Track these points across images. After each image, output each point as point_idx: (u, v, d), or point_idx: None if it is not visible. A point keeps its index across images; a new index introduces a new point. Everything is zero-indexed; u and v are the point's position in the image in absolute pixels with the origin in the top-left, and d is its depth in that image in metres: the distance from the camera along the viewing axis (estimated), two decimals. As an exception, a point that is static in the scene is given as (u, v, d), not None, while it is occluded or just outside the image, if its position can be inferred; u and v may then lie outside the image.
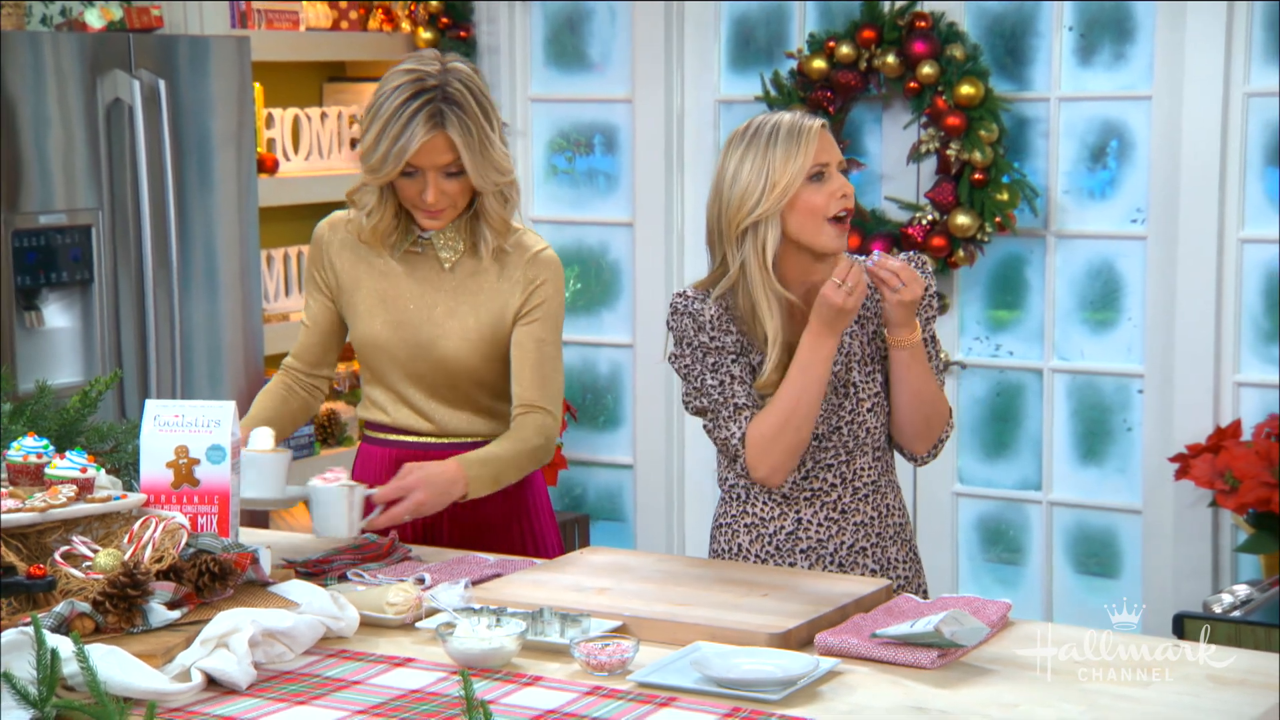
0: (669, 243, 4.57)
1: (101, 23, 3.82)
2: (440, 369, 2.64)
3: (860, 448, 2.53)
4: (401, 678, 1.99)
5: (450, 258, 2.63)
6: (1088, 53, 4.14)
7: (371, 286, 2.67)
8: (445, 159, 2.53)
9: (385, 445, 2.72)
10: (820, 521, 2.53)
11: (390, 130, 2.51)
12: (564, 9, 4.71)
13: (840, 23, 4.27)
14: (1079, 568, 4.27)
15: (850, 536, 2.53)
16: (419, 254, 2.65)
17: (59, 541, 2.16)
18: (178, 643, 1.98)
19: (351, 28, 4.65)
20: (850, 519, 2.54)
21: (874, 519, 2.55)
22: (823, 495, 2.53)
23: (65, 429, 2.52)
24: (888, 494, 2.57)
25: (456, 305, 2.63)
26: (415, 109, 2.51)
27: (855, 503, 2.54)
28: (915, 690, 1.95)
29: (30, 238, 3.48)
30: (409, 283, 2.65)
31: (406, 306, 2.65)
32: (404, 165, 2.52)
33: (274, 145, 4.43)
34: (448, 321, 2.63)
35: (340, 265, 2.69)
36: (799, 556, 2.54)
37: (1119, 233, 4.13)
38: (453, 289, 2.64)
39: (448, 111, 2.51)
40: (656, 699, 1.91)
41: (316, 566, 2.40)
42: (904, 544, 2.58)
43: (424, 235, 2.64)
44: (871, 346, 2.53)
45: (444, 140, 2.52)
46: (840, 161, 2.47)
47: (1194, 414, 3.96)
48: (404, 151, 2.50)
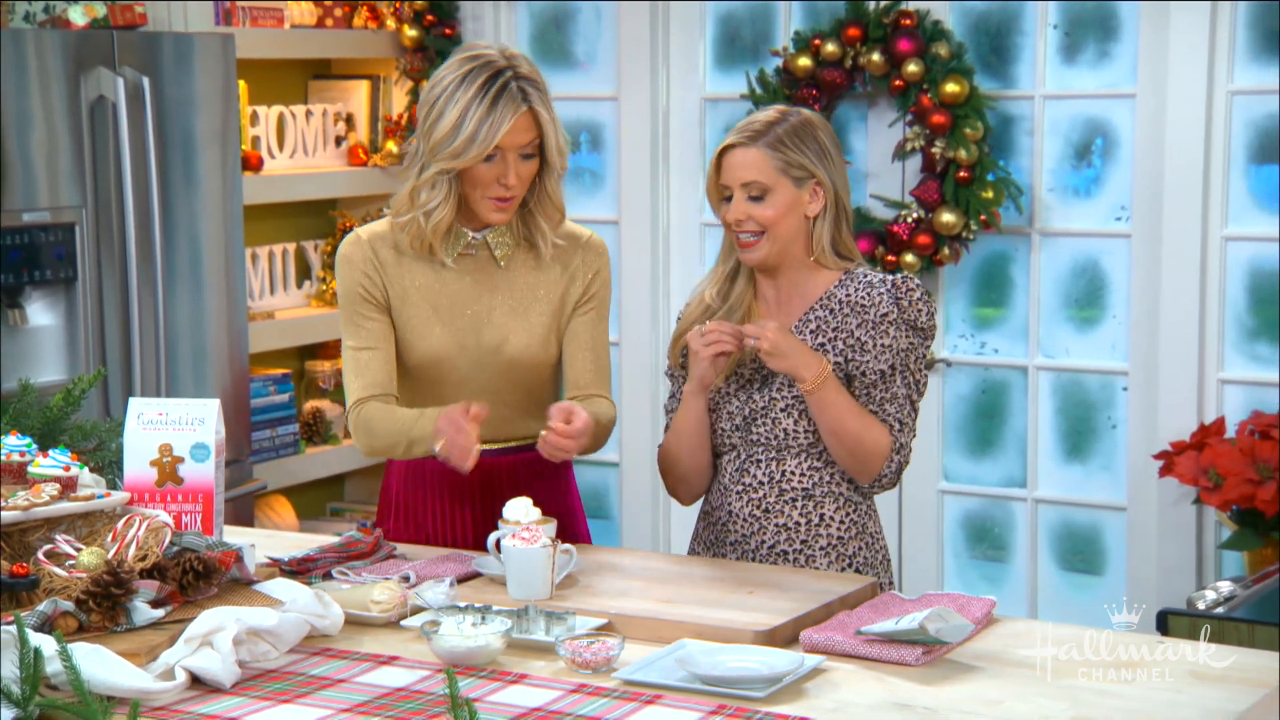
0: (655, 241, 4.57)
1: (85, 20, 3.80)
2: (509, 372, 2.58)
3: (787, 449, 2.51)
4: (386, 676, 1.99)
5: (505, 254, 2.58)
6: (1072, 51, 4.15)
7: (420, 299, 2.57)
8: (527, 137, 2.50)
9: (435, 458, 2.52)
10: (745, 516, 2.54)
11: (475, 111, 2.45)
12: (550, 7, 4.70)
13: (825, 21, 4.27)
14: (1064, 565, 4.28)
15: (772, 537, 2.52)
16: (471, 255, 2.59)
17: (42, 540, 2.15)
18: (161, 641, 1.98)
19: (336, 25, 4.64)
20: (773, 519, 2.53)
21: (800, 525, 2.52)
22: (750, 491, 2.54)
23: (48, 427, 2.52)
24: (825, 505, 2.52)
25: (518, 302, 2.58)
26: (499, 88, 2.46)
27: (780, 504, 2.52)
28: (900, 687, 1.96)
29: (14, 236, 3.47)
30: (463, 286, 2.58)
31: (464, 312, 2.57)
32: (494, 146, 2.46)
33: (259, 143, 4.42)
34: (512, 320, 2.58)
35: (388, 267, 2.58)
36: (729, 548, 2.56)
37: (1103, 230, 4.14)
38: (511, 286, 2.59)
39: (529, 90, 2.49)
40: (642, 696, 1.91)
41: (301, 565, 2.40)
42: (840, 558, 2.52)
43: (476, 236, 2.58)
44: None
45: (530, 118, 2.49)
46: (748, 184, 2.49)
47: (1178, 411, 3.98)
48: (496, 131, 2.45)
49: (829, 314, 2.52)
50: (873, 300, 2.49)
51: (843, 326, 2.50)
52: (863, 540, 2.55)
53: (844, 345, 2.50)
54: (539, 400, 2.61)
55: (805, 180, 2.50)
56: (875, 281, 2.51)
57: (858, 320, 2.49)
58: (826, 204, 2.52)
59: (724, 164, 2.52)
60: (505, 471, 2.61)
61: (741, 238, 2.52)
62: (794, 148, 2.48)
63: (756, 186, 2.49)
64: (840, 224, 2.55)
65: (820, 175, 2.50)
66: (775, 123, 2.51)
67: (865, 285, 2.51)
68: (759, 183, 2.48)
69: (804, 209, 2.51)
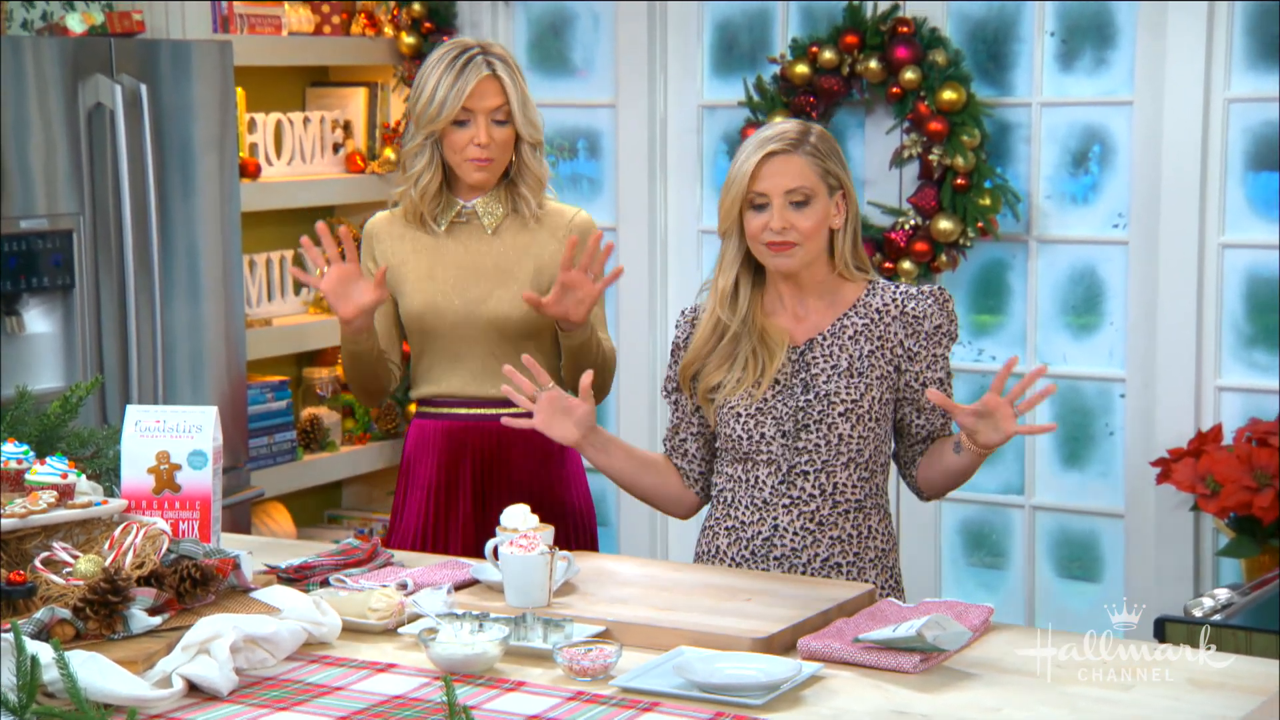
0: (653, 248, 4.57)
1: (83, 27, 3.81)
2: (497, 330, 2.84)
3: (837, 458, 2.52)
4: (384, 683, 1.99)
5: (492, 222, 2.87)
6: (1069, 58, 4.15)
7: (416, 263, 2.87)
8: (495, 102, 2.81)
9: (439, 419, 2.89)
10: (796, 530, 2.54)
11: (445, 80, 2.79)
12: (547, 14, 4.71)
13: (823, 28, 4.28)
14: (1061, 572, 4.28)
15: (825, 550, 2.53)
16: (463, 224, 2.88)
17: (39, 547, 2.15)
18: (159, 649, 1.98)
19: (334, 32, 4.65)
20: (827, 532, 2.53)
21: (853, 536, 2.54)
22: (801, 504, 2.54)
23: (46, 434, 2.52)
24: (873, 516, 2.57)
25: (504, 262, 2.85)
26: (466, 60, 2.81)
27: (834, 516, 2.54)
28: (897, 695, 1.95)
29: (11, 243, 3.47)
30: (455, 251, 2.87)
31: (452, 273, 2.85)
32: (459, 110, 2.78)
33: (256, 150, 4.42)
34: (497, 278, 2.84)
35: (387, 247, 2.90)
36: (773, 563, 2.55)
37: (1101, 238, 4.14)
38: (499, 250, 2.86)
39: (495, 62, 2.83)
40: (639, 704, 1.91)
41: (299, 572, 2.40)
42: (885, 570, 2.57)
43: (466, 206, 2.87)
44: (867, 363, 2.53)
45: (495, 85, 2.81)
46: (792, 190, 2.49)
47: (1175, 418, 3.98)
48: (460, 94, 2.78)
49: (870, 322, 2.55)
50: (923, 311, 2.54)
51: (888, 335, 2.54)
52: (895, 553, 2.61)
53: (893, 354, 2.54)
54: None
55: (835, 191, 2.55)
56: (914, 293, 2.56)
57: (907, 330, 2.54)
58: (848, 216, 2.56)
59: (763, 171, 2.51)
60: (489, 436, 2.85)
61: (775, 245, 2.51)
62: (829, 157, 2.54)
63: (801, 193, 2.50)
64: (857, 236, 2.60)
65: (848, 186, 2.56)
66: (807, 133, 2.55)
67: (907, 296, 2.56)
68: (804, 189, 2.50)
69: (830, 219, 2.54)
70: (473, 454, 2.86)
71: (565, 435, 2.56)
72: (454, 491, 2.87)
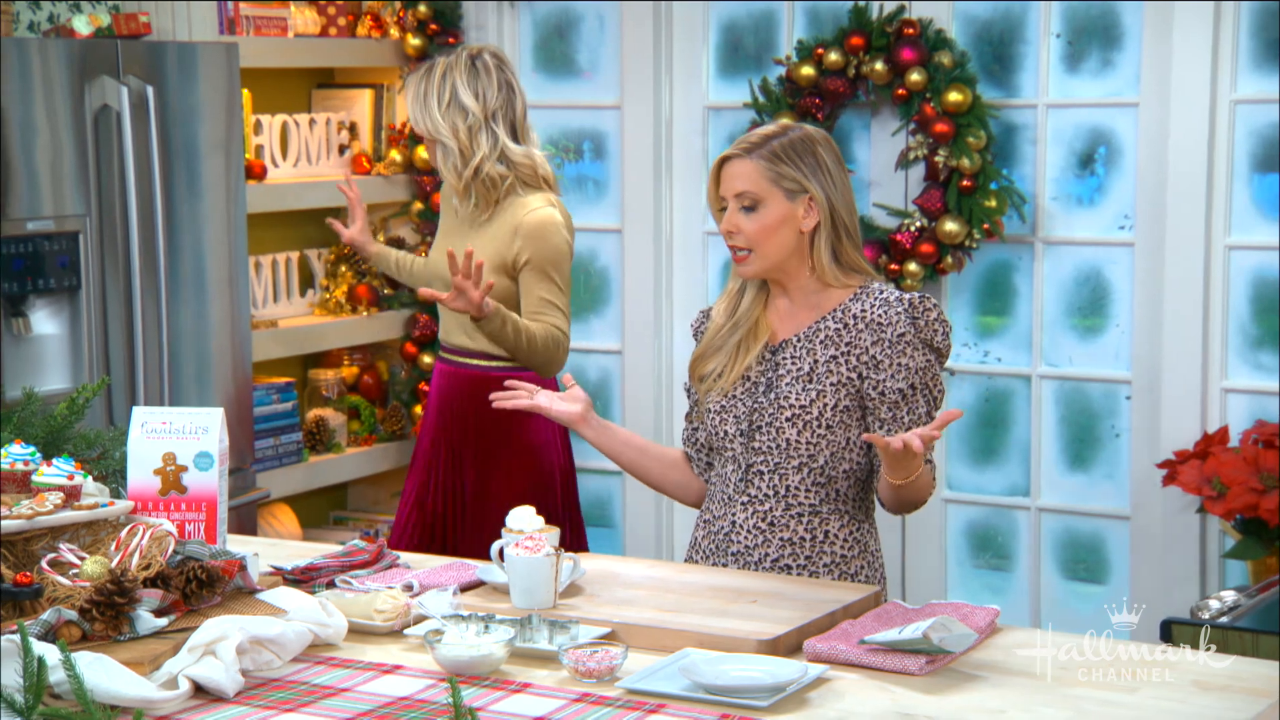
0: (658, 249, 4.57)
1: (90, 29, 3.81)
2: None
3: (789, 462, 2.50)
4: (389, 685, 1.99)
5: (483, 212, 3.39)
6: (1075, 60, 4.15)
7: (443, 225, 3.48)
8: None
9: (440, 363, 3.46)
10: (749, 529, 2.54)
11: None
12: (553, 15, 4.71)
13: (829, 29, 4.27)
14: (1067, 574, 4.28)
15: (776, 550, 2.52)
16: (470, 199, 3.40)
17: (46, 549, 2.15)
18: (165, 650, 1.98)
19: (340, 34, 4.65)
20: (778, 533, 2.53)
21: (805, 540, 2.52)
22: (756, 503, 2.54)
23: (52, 436, 2.52)
24: (831, 522, 2.52)
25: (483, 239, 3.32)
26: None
27: (786, 518, 2.52)
28: (903, 696, 1.95)
29: (17, 244, 3.48)
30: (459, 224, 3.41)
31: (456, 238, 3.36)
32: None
33: (262, 152, 4.42)
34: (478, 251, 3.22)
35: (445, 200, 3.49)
36: (730, 558, 2.56)
37: (1107, 239, 4.14)
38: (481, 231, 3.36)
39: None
40: (645, 705, 1.91)
41: (305, 573, 2.40)
42: (843, 576, 2.53)
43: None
44: (826, 369, 2.50)
45: None
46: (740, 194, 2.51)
47: (1182, 420, 3.97)
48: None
49: (842, 327, 2.52)
50: (890, 319, 2.48)
51: (856, 342, 2.50)
52: (865, 559, 2.55)
53: (857, 361, 2.50)
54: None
55: (798, 194, 2.51)
56: (892, 299, 2.50)
57: (873, 338, 2.49)
58: (821, 220, 2.52)
59: (720, 176, 2.55)
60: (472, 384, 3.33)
61: (736, 252, 2.54)
62: (787, 161, 2.50)
63: (748, 197, 2.51)
64: (841, 239, 2.54)
65: (813, 190, 2.50)
66: (773, 136, 2.53)
67: (882, 302, 2.51)
68: (750, 193, 2.51)
69: (798, 224, 2.51)
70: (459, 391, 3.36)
71: (563, 414, 2.67)
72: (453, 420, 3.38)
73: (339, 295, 4.61)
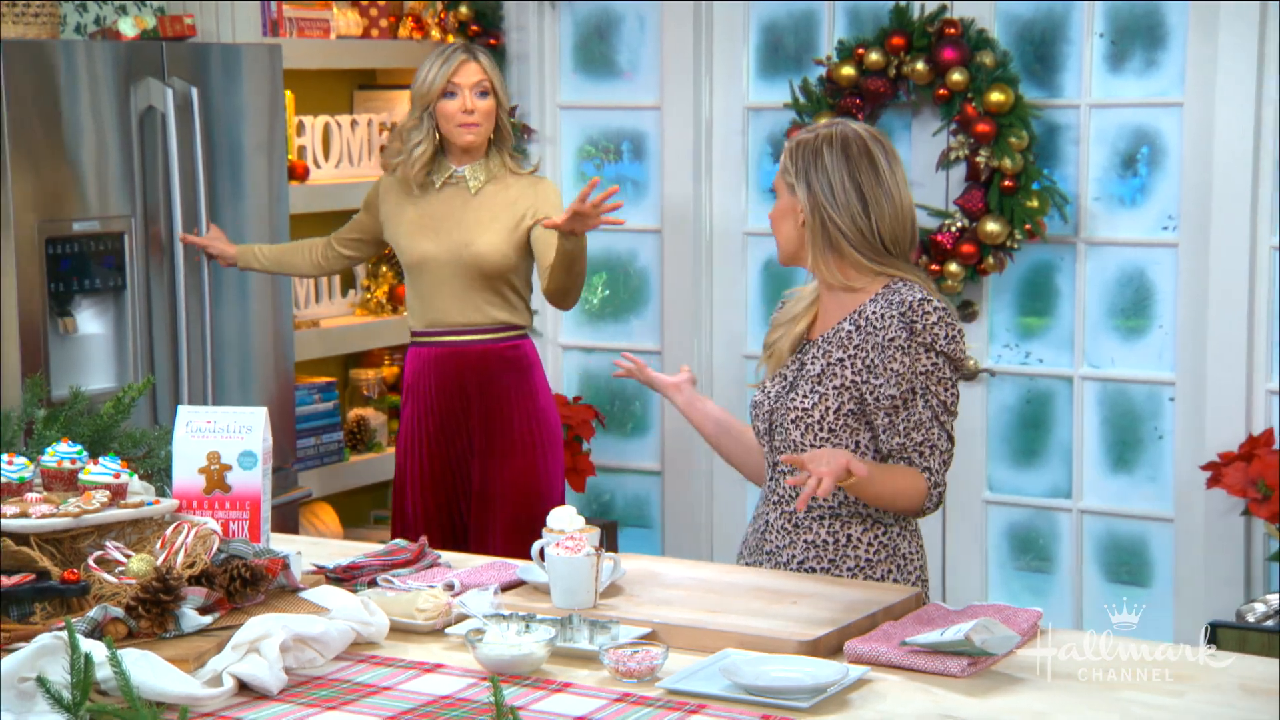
0: (697, 250, 4.57)
1: (135, 31, 3.84)
2: (477, 268, 3.53)
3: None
4: (431, 683, 2.00)
5: (477, 185, 3.58)
6: (1119, 59, 4.12)
7: (412, 216, 3.59)
8: (476, 78, 3.55)
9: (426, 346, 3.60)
10: (778, 529, 2.55)
11: (434, 62, 3.55)
12: (593, 16, 4.71)
13: (869, 29, 4.26)
14: (1110, 576, 4.25)
15: (801, 553, 2.52)
16: (452, 185, 3.59)
17: (93, 547, 2.17)
18: (209, 648, 1.99)
19: (382, 36, 4.67)
20: (802, 535, 2.52)
21: (828, 543, 2.50)
22: (783, 504, 2.55)
23: (99, 435, 2.54)
24: (851, 525, 2.50)
25: (484, 214, 3.55)
26: (452, 49, 3.58)
27: (809, 520, 2.52)
28: (945, 699, 1.95)
29: (64, 245, 3.51)
30: (445, 207, 3.58)
31: (443, 223, 3.56)
32: (446, 82, 3.52)
33: (304, 153, 4.45)
34: (478, 229, 3.53)
35: (390, 197, 3.64)
36: (765, 557, 2.56)
37: (1150, 240, 4.11)
38: (480, 205, 3.56)
39: (476, 50, 3.60)
40: (686, 706, 1.91)
41: (347, 572, 2.41)
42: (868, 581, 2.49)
43: (458, 170, 3.58)
44: (832, 372, 2.49)
45: (476, 65, 3.55)
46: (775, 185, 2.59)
47: (1226, 422, 3.94)
48: (448, 69, 3.52)
49: (854, 329, 2.50)
50: (884, 323, 2.46)
51: (863, 345, 2.48)
52: (894, 563, 2.51)
53: (861, 365, 2.48)
54: (504, 296, 3.58)
55: (795, 190, 2.54)
56: (894, 302, 2.46)
57: (872, 341, 2.47)
58: (807, 218, 2.52)
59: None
60: (475, 357, 3.57)
61: None
62: (790, 157, 2.55)
63: (775, 186, 2.61)
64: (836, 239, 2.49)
65: (799, 188, 2.52)
66: (805, 132, 2.57)
67: (885, 305, 2.47)
68: (775, 184, 2.60)
69: (797, 218, 2.54)
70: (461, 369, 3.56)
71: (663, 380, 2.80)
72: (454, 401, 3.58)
73: (380, 295, 4.63)
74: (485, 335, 3.57)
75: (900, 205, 2.52)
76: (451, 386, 3.57)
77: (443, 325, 3.58)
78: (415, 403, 3.62)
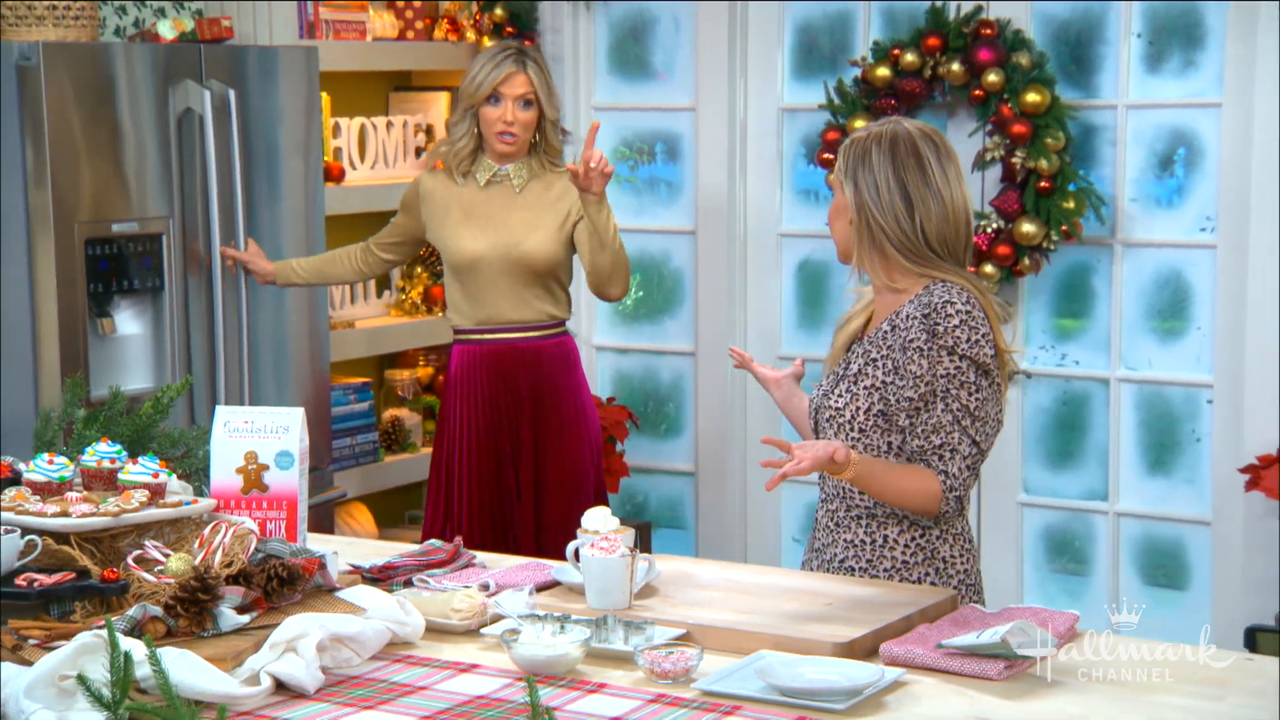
0: (731, 251, 4.57)
1: (173, 34, 3.87)
2: (525, 265, 3.62)
3: None
4: (467, 684, 2.01)
5: (520, 184, 3.68)
6: (1156, 60, 4.10)
7: (458, 216, 3.67)
8: (522, 90, 3.63)
9: (480, 344, 3.67)
10: (824, 527, 2.56)
11: (486, 66, 3.63)
12: (628, 17, 4.72)
13: (905, 30, 4.25)
14: (1147, 579, 4.22)
15: (842, 551, 2.51)
16: (497, 184, 3.68)
17: (132, 546, 2.19)
18: (247, 647, 2.01)
19: (417, 37, 4.69)
20: (842, 534, 2.52)
21: (865, 543, 2.49)
22: (828, 502, 2.55)
23: (138, 435, 2.56)
24: (888, 527, 2.48)
25: (530, 213, 3.65)
26: (504, 55, 3.65)
27: (848, 520, 2.51)
28: (981, 701, 1.94)
29: (102, 246, 3.54)
30: (490, 206, 3.66)
31: (489, 222, 3.65)
32: (492, 89, 3.60)
33: (340, 154, 4.47)
34: (526, 225, 3.63)
35: (432, 199, 3.71)
36: (813, 554, 2.57)
37: (1188, 241, 4.08)
38: (526, 204, 3.66)
39: (527, 59, 3.66)
40: (721, 707, 1.92)
41: (382, 572, 2.42)
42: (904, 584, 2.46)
43: (502, 169, 3.68)
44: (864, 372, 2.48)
45: (524, 77, 3.63)
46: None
47: (1264, 424, 3.91)
48: (495, 78, 3.61)
49: (890, 330, 2.48)
50: (907, 325, 2.44)
51: (892, 347, 2.47)
52: (931, 565, 2.48)
53: (890, 366, 2.47)
54: (551, 290, 3.68)
55: (844, 188, 2.52)
56: (924, 303, 2.43)
57: (899, 343, 2.46)
58: (853, 216, 2.51)
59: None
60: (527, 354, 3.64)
61: None
62: (841, 154, 2.53)
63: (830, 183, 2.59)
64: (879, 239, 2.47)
65: (846, 186, 2.51)
66: (861, 129, 2.55)
67: (915, 306, 2.45)
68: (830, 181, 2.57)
69: (847, 215, 2.52)
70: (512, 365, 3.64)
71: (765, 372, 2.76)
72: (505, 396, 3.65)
73: (415, 296, 4.65)
74: (534, 331, 3.66)
75: (950, 206, 2.46)
76: (503, 383, 3.65)
77: (494, 323, 3.65)
78: (462, 400, 3.67)
